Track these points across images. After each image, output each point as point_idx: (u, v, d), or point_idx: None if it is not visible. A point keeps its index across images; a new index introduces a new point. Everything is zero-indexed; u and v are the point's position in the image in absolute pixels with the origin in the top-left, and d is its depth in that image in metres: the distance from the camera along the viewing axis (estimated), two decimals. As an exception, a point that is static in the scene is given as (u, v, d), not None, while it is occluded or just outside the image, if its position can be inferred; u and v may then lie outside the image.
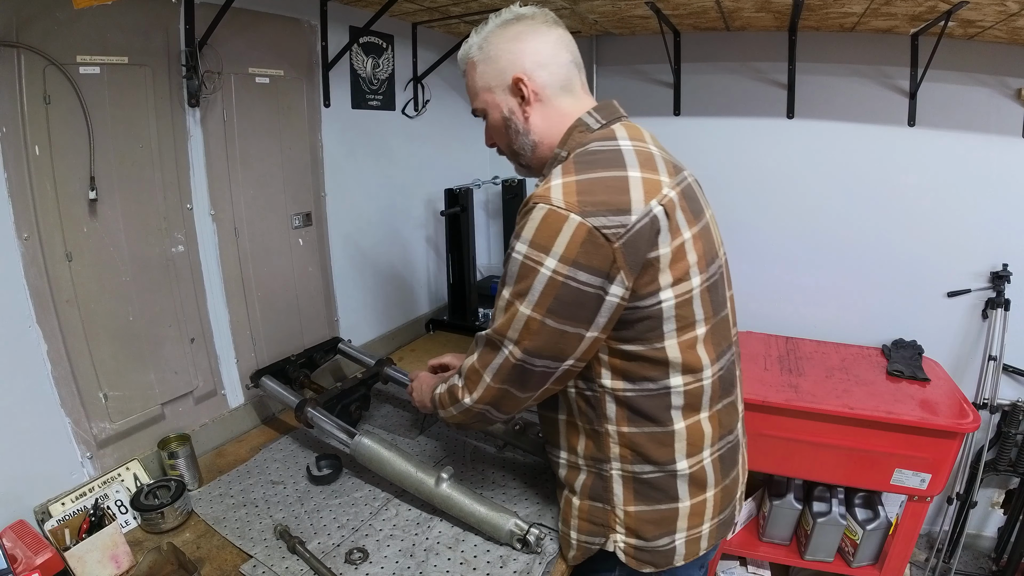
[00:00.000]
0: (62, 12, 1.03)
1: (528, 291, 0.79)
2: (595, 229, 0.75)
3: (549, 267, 0.77)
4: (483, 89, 0.95)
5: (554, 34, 0.92)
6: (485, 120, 0.98)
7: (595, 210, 0.76)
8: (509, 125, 0.94)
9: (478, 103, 0.97)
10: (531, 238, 0.78)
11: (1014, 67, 1.74)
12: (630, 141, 0.87)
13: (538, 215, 0.78)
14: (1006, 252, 1.88)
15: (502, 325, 0.84)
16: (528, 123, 0.93)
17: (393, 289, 2.08)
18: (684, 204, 0.84)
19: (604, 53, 2.24)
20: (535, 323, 0.80)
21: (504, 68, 0.91)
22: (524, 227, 0.80)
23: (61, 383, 1.11)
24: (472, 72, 0.96)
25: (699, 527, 0.93)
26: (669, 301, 0.81)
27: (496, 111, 0.95)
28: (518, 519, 1.05)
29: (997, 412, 1.94)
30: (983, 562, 2.14)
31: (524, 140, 0.95)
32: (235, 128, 1.39)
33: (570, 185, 0.78)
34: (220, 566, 1.01)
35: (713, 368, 0.88)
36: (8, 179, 1.00)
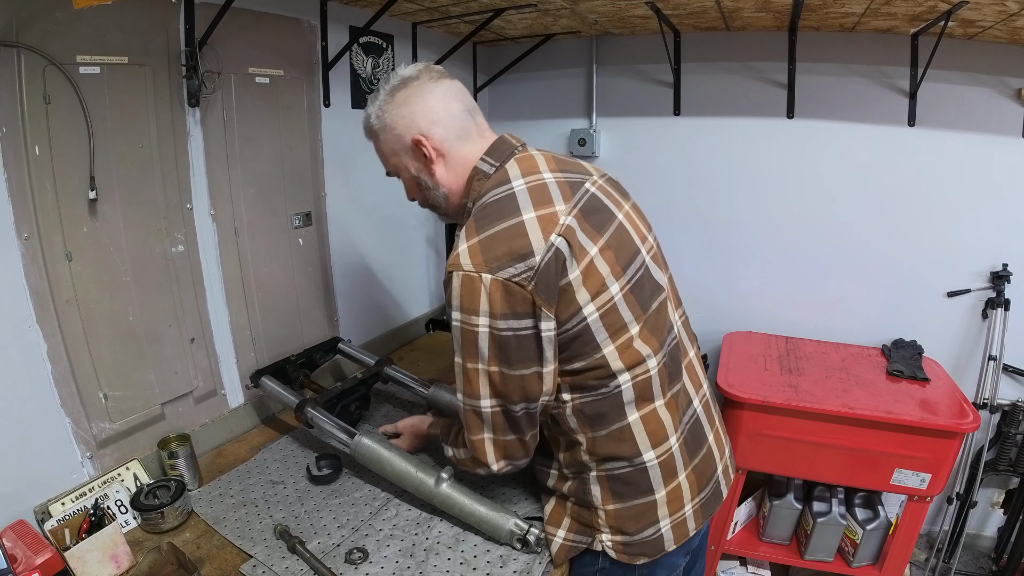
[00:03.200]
0: (62, 12, 1.03)
1: (476, 352, 0.85)
2: (507, 281, 0.80)
3: (484, 325, 0.83)
4: (390, 154, 1.00)
5: (441, 88, 0.96)
6: (400, 179, 1.05)
7: (500, 264, 0.81)
8: (420, 183, 1.00)
9: (389, 166, 1.04)
10: (459, 305, 0.84)
11: (1014, 67, 1.74)
12: (523, 179, 0.91)
13: (456, 283, 0.83)
14: (1006, 252, 1.88)
15: (469, 389, 0.90)
16: (435, 178, 0.98)
17: (393, 289, 2.08)
18: (584, 224, 0.88)
19: (604, 53, 2.24)
20: (495, 376, 0.86)
21: (402, 133, 0.96)
22: (451, 296, 0.85)
23: (61, 383, 1.11)
24: (376, 141, 1.02)
25: (681, 511, 0.96)
26: (593, 315, 0.85)
27: (406, 172, 1.01)
28: (518, 519, 1.05)
29: (997, 412, 1.94)
30: (983, 562, 2.14)
31: (436, 194, 1.00)
32: (235, 128, 1.39)
33: (474, 247, 0.84)
34: (220, 566, 1.01)
35: (657, 357, 0.92)
36: (8, 179, 1.00)
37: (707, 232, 2.23)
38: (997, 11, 1.40)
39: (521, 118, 2.47)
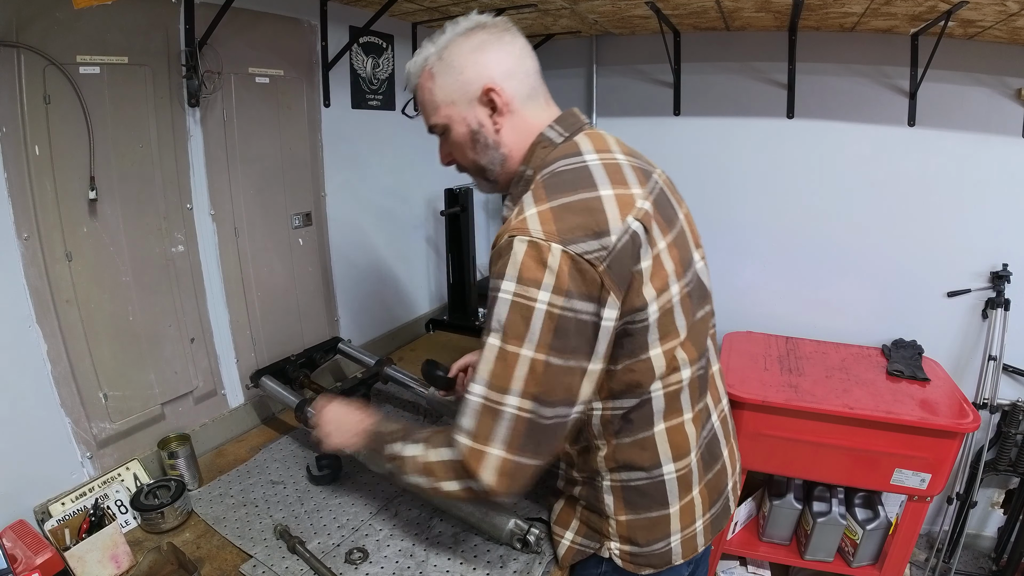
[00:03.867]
0: (62, 12, 1.03)
1: (526, 331, 0.72)
2: (579, 256, 0.72)
3: (544, 301, 0.71)
4: (444, 102, 0.88)
5: (520, 42, 0.89)
6: (443, 135, 0.92)
7: (574, 237, 0.72)
8: (477, 139, 0.89)
9: (437, 117, 0.90)
10: (518, 274, 0.73)
11: (1014, 67, 1.74)
12: (596, 154, 0.84)
13: (520, 249, 0.73)
14: (1006, 252, 1.88)
15: (499, 379, 0.74)
16: (499, 135, 0.88)
17: (393, 289, 2.08)
18: (658, 214, 0.82)
19: (604, 53, 2.24)
20: (539, 365, 0.73)
21: (471, 79, 0.86)
22: (507, 264, 0.74)
23: (61, 383, 1.11)
24: (429, 84, 0.88)
25: (692, 526, 0.93)
26: (654, 314, 0.79)
27: (460, 125, 0.89)
28: (518, 519, 1.05)
29: (997, 412, 1.94)
30: (983, 562, 2.14)
31: (494, 155, 0.90)
32: (235, 128, 1.39)
33: (545, 214, 0.75)
34: (220, 566, 1.01)
35: (692, 368, 0.87)
36: (8, 179, 1.00)
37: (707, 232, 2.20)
38: (997, 11, 1.40)
39: (521, 118, 2.47)
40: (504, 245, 0.75)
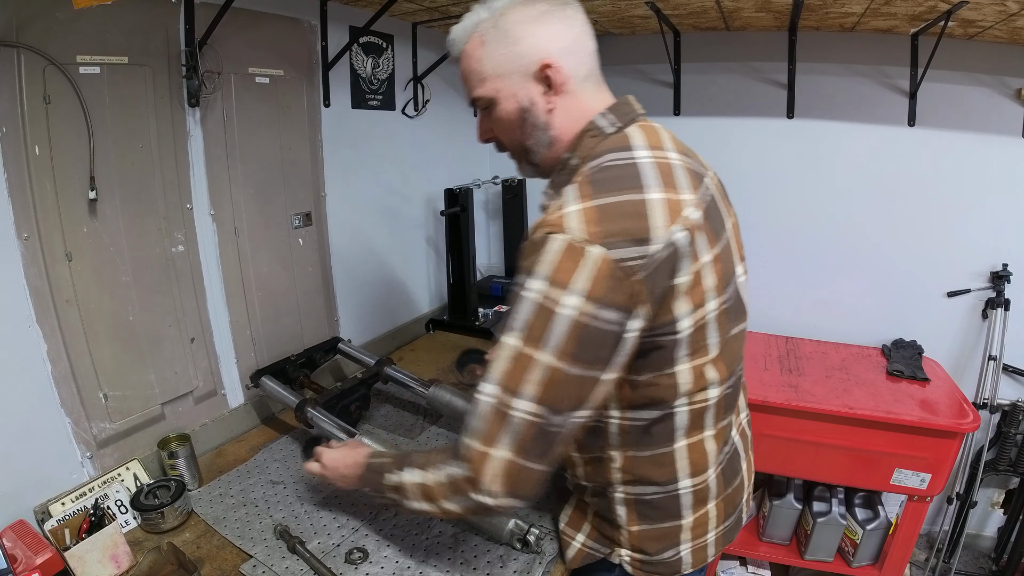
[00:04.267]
0: (62, 12, 1.03)
1: (546, 336, 0.68)
2: (617, 262, 0.66)
3: (572, 306, 0.67)
4: (494, 73, 0.80)
5: (580, 18, 0.82)
6: (486, 110, 0.84)
7: (615, 241, 0.67)
8: (526, 118, 0.81)
9: (484, 89, 0.81)
10: (550, 274, 0.68)
11: (1014, 67, 1.74)
12: (648, 151, 0.77)
13: (554, 247, 0.68)
14: (1006, 252, 1.88)
15: (510, 379, 0.70)
16: (550, 116, 0.81)
17: (393, 289, 2.08)
18: (707, 224, 0.75)
19: (604, 53, 2.19)
20: (557, 373, 0.69)
21: (526, 51, 0.78)
22: (538, 261, 0.69)
23: (61, 383, 1.11)
24: (478, 52, 0.80)
25: (704, 537, 0.91)
26: (685, 330, 0.74)
27: (509, 101, 0.81)
28: (518, 519, 1.05)
29: (997, 412, 1.94)
30: (983, 562, 2.14)
31: (541, 136, 0.83)
32: (235, 128, 1.39)
33: (590, 212, 0.69)
34: (220, 566, 1.01)
35: (721, 387, 0.83)
36: (8, 179, 1.00)
37: (707, 232, 2.23)
38: (997, 11, 1.40)
39: (521, 118, 2.47)
40: (539, 240, 0.70)
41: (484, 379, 0.73)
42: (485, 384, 0.72)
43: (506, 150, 0.89)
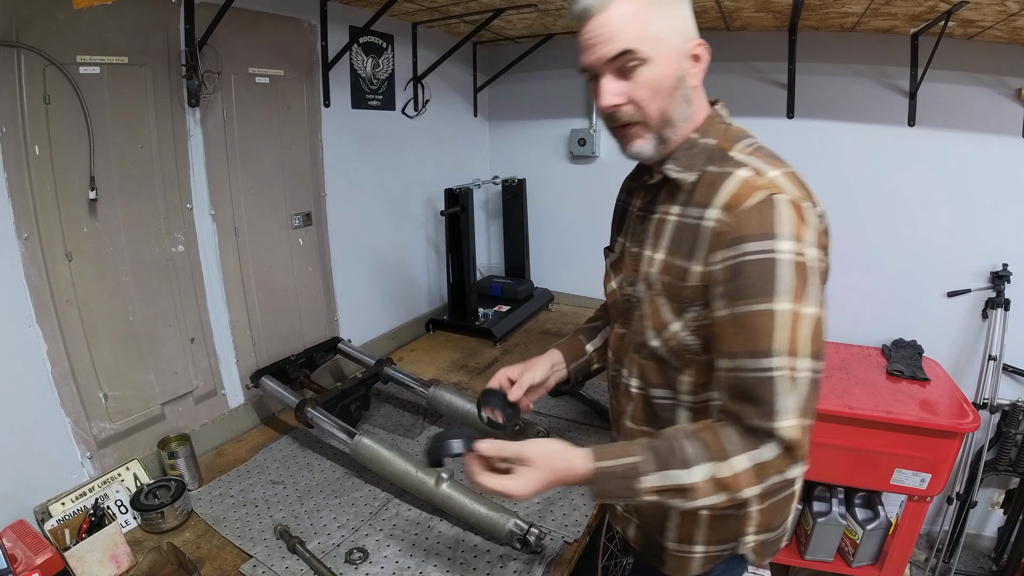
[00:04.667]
0: (62, 12, 1.03)
1: (807, 289, 0.70)
2: (819, 216, 0.75)
3: (813, 257, 0.71)
4: (657, 36, 0.75)
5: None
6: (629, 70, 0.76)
7: (812, 199, 0.75)
8: (679, 87, 0.78)
9: (644, 46, 0.75)
10: (792, 232, 0.70)
11: (1014, 67, 1.74)
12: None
13: (784, 208, 0.71)
14: (1006, 252, 1.88)
15: (792, 344, 0.69)
16: (694, 93, 0.81)
17: (393, 289, 2.08)
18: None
19: (604, 53, 2.23)
20: (819, 321, 0.71)
21: (684, 26, 0.79)
22: (775, 222, 0.70)
23: (61, 383, 1.11)
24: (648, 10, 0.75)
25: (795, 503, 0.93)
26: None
27: (669, 66, 0.77)
28: (518, 519, 1.05)
29: (997, 412, 1.94)
30: (983, 562, 2.14)
31: (684, 110, 0.80)
32: (235, 128, 1.39)
33: (789, 176, 0.75)
34: (220, 566, 1.01)
35: None
36: (8, 179, 1.00)
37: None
38: (997, 11, 1.40)
39: (521, 118, 2.47)
40: (764, 202, 0.71)
41: (755, 353, 0.70)
42: (765, 358, 0.69)
43: (638, 120, 0.79)
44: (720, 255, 0.73)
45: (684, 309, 0.79)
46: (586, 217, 2.42)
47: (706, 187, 0.78)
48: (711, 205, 0.76)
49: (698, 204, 0.78)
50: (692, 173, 0.80)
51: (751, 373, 0.70)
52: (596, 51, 0.77)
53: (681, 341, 0.81)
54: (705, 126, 0.83)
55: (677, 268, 0.80)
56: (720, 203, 0.75)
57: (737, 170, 0.76)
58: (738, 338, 0.71)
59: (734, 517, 0.87)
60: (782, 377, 0.69)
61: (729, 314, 0.72)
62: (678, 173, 0.81)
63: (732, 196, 0.74)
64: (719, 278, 0.73)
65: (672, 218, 0.83)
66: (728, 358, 0.73)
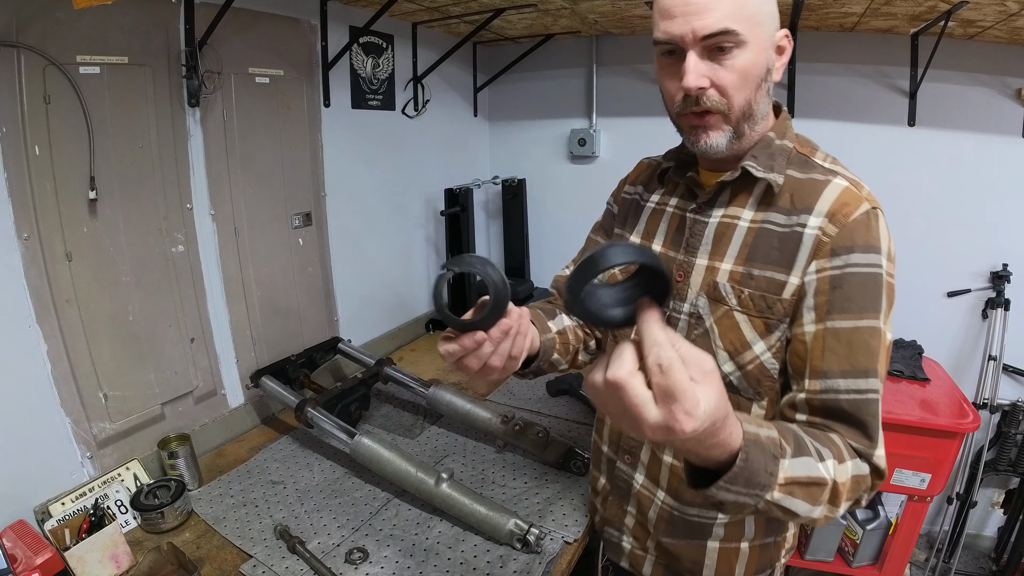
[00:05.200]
0: (62, 12, 1.03)
1: (891, 310, 0.69)
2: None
3: (894, 276, 0.70)
4: (754, 19, 0.66)
5: None
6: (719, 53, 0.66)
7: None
8: (766, 78, 0.70)
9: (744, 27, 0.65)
10: (888, 251, 0.69)
11: (1014, 67, 1.74)
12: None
13: (883, 224, 0.70)
14: (1006, 252, 1.88)
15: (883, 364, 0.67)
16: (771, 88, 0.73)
17: (393, 289, 2.08)
18: None
19: (604, 53, 2.23)
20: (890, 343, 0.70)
21: (774, 12, 0.70)
22: (877, 237, 0.69)
23: (61, 383, 1.11)
24: None
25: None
26: None
27: (761, 54, 0.68)
28: (518, 519, 1.05)
29: (997, 412, 1.94)
30: (983, 562, 2.14)
31: (764, 106, 0.73)
32: (235, 128, 1.39)
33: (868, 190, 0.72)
34: (220, 566, 1.01)
35: None
36: (8, 179, 1.00)
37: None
38: (997, 11, 1.40)
39: (521, 118, 2.47)
40: (870, 215, 0.69)
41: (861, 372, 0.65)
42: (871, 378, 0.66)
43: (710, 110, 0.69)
44: (818, 265, 0.68)
45: (774, 327, 0.72)
46: (586, 217, 2.40)
47: (797, 193, 0.72)
48: (811, 212, 0.70)
49: (787, 211, 0.72)
50: (778, 175, 0.73)
51: (852, 395, 0.64)
52: (690, 21, 0.64)
53: (763, 366, 0.73)
54: (781, 126, 0.77)
55: (767, 280, 0.71)
56: (823, 211, 0.69)
57: (833, 178, 0.71)
58: (835, 355, 0.66)
59: (773, 544, 0.83)
60: (879, 400, 0.66)
61: (825, 328, 0.67)
62: (764, 173, 0.73)
63: (837, 204, 0.69)
64: (816, 289, 0.68)
65: (744, 224, 0.75)
66: (820, 377, 0.66)
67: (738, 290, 0.73)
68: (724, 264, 0.75)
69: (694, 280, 0.77)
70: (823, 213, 0.69)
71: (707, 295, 0.76)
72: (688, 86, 0.67)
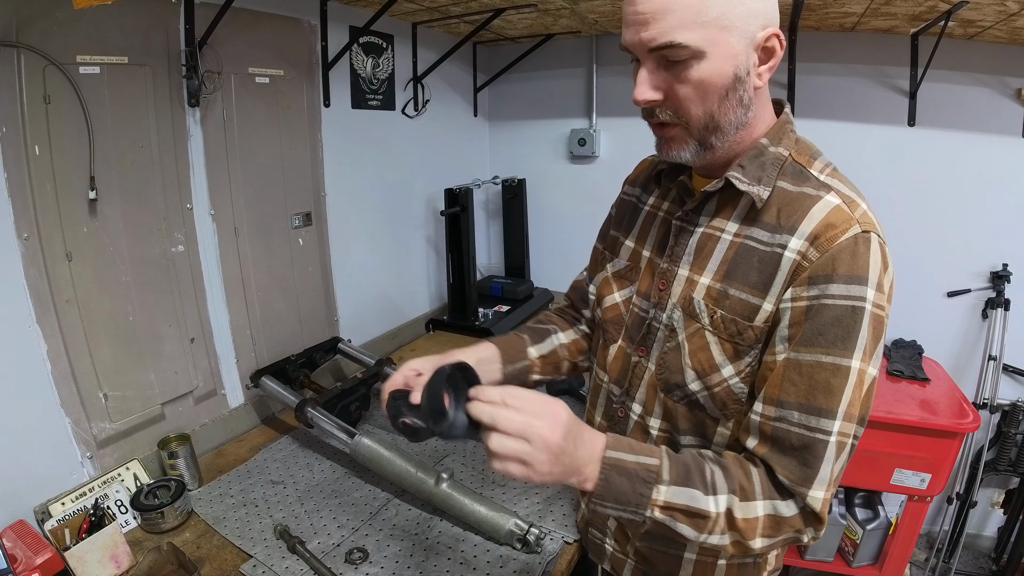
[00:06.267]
0: (62, 12, 1.03)
1: (877, 348, 0.63)
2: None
3: (886, 312, 0.64)
4: (717, 23, 0.59)
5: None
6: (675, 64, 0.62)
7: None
8: (736, 88, 0.63)
9: (696, 37, 0.59)
10: (877, 281, 0.62)
11: (1014, 67, 1.74)
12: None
13: (877, 251, 0.62)
14: (1006, 252, 1.88)
15: (855, 407, 0.62)
16: (755, 95, 0.66)
17: (393, 289, 2.08)
18: None
19: (604, 53, 2.24)
20: (874, 384, 0.64)
21: (757, 10, 0.61)
22: (867, 265, 0.61)
23: (61, 383, 1.11)
24: None
25: None
26: None
27: (726, 62, 0.61)
28: (518, 519, 1.05)
29: (997, 412, 1.94)
30: (983, 562, 2.14)
31: (739, 116, 0.65)
32: (235, 128, 1.39)
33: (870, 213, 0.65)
34: (220, 566, 1.01)
35: None
36: (8, 179, 1.00)
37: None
38: (997, 11, 1.40)
39: (521, 118, 2.47)
40: (859, 240, 0.62)
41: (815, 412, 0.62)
42: (823, 419, 0.62)
43: (678, 122, 0.65)
44: (794, 293, 0.63)
45: (744, 353, 0.67)
46: (586, 217, 2.41)
47: (784, 208, 0.66)
48: (793, 233, 0.64)
49: (771, 227, 0.66)
50: (764, 188, 0.67)
51: (802, 430, 0.62)
52: (639, 31, 0.61)
53: (730, 389, 0.69)
54: (776, 132, 0.70)
55: (741, 303, 0.67)
56: (806, 232, 0.63)
57: (824, 194, 0.65)
58: (794, 387, 0.63)
59: (752, 565, 0.80)
60: (834, 443, 0.62)
61: (790, 359, 0.63)
62: (748, 186, 0.67)
63: (822, 226, 0.63)
64: (790, 319, 0.63)
65: (727, 237, 0.70)
66: (775, 405, 0.64)
67: (711, 309, 0.69)
68: (703, 278, 0.71)
69: (675, 290, 0.74)
70: (805, 235, 0.63)
71: (682, 308, 0.72)
72: (636, 99, 0.65)
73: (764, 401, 0.65)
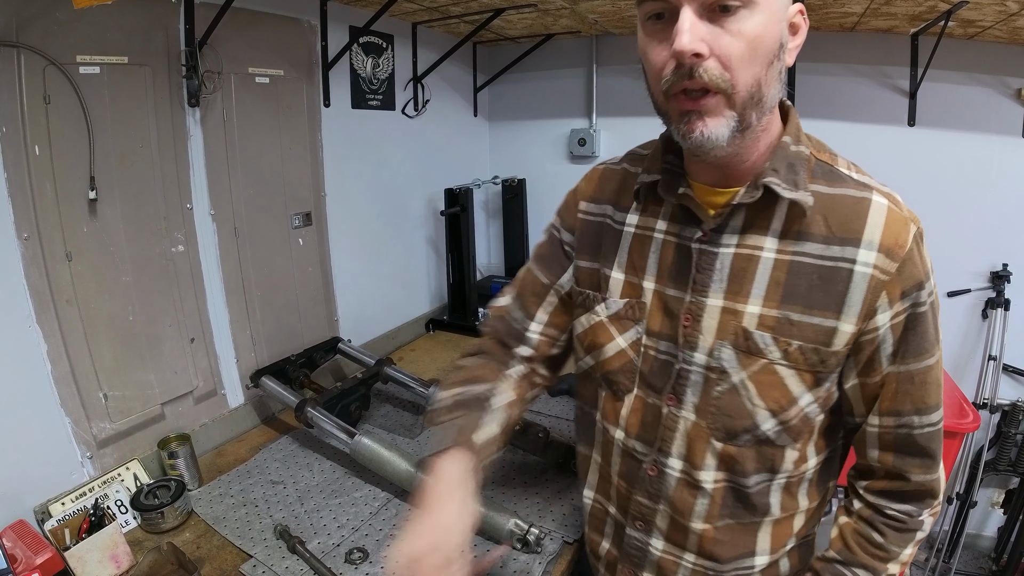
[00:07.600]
0: (62, 12, 1.03)
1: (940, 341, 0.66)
2: None
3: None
4: None
5: None
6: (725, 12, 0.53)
7: None
8: (780, 56, 0.57)
9: None
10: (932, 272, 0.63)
11: (1014, 67, 1.74)
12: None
13: (924, 244, 0.62)
14: (1006, 252, 1.88)
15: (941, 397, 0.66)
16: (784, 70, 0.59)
17: (393, 289, 2.08)
18: None
19: (604, 53, 2.24)
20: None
21: None
22: (927, 261, 0.62)
23: (61, 383, 1.11)
24: None
25: None
26: None
27: (775, 19, 0.55)
28: (518, 519, 1.05)
29: (997, 412, 1.94)
30: (983, 562, 2.14)
31: (775, 94, 0.59)
32: (235, 128, 1.39)
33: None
34: (220, 566, 1.01)
35: None
36: (8, 179, 1.00)
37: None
38: (997, 11, 1.40)
39: (521, 118, 2.47)
40: (918, 238, 0.61)
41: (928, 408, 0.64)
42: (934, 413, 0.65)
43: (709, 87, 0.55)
44: (891, 311, 0.60)
45: (824, 379, 0.63)
46: (586, 217, 2.42)
47: (832, 215, 0.61)
48: (858, 244, 0.59)
49: (823, 238, 0.60)
50: (805, 193, 0.60)
51: (922, 430, 0.64)
52: None
53: (806, 417, 0.65)
54: (794, 128, 0.64)
55: (813, 329, 0.61)
56: (874, 242, 0.59)
57: (871, 195, 0.61)
58: (909, 396, 0.64)
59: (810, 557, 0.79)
60: (941, 427, 0.66)
61: (901, 372, 0.63)
62: (792, 193, 0.60)
63: (890, 234, 0.59)
64: (892, 337, 0.61)
65: (769, 256, 0.62)
66: (893, 416, 0.65)
67: (783, 342, 0.61)
68: (750, 307, 0.62)
69: (707, 325, 0.65)
70: (875, 246, 0.59)
71: (733, 345, 0.63)
72: (681, 48, 0.52)
73: (880, 414, 0.65)
